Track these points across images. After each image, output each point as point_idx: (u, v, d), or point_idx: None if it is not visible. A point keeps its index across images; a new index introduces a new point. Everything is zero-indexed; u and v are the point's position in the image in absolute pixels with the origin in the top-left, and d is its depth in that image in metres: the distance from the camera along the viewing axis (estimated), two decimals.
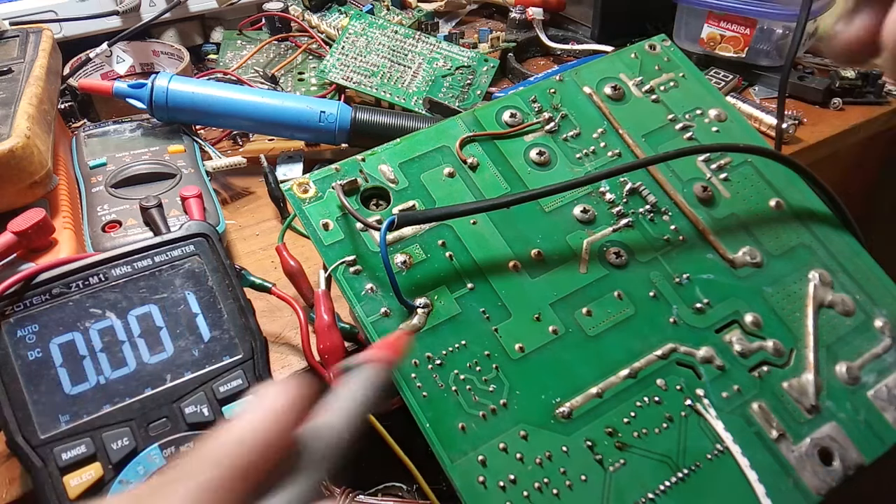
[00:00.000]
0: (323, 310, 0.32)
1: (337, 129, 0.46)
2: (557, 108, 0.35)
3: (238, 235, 0.44)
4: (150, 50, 0.61)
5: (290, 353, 0.35)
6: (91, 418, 0.26)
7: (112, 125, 0.47)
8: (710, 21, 0.57)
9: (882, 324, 0.31)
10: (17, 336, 0.26)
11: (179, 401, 0.27)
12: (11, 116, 0.35)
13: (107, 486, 0.25)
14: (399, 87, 0.54)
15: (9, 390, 0.25)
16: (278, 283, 0.34)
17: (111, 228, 0.37)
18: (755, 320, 0.30)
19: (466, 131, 0.34)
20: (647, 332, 0.29)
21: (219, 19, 0.67)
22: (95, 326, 0.27)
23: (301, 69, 0.60)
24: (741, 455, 0.27)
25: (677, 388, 0.28)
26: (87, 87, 0.47)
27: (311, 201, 0.31)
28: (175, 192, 0.40)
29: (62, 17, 0.58)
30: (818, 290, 0.31)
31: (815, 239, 0.33)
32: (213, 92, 0.45)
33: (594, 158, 0.34)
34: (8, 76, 0.41)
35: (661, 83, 0.37)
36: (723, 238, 0.32)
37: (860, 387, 0.29)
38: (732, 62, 0.58)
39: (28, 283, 0.27)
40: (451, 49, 0.56)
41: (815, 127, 0.54)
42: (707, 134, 0.35)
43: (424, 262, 0.30)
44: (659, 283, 0.31)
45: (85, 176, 0.41)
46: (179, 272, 0.29)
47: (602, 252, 0.31)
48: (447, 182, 0.32)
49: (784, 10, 0.53)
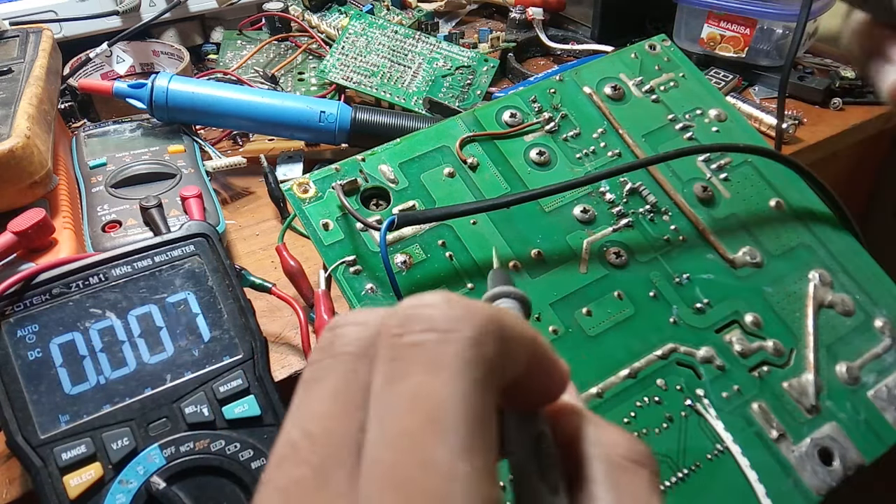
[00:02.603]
0: (323, 310, 0.32)
1: (337, 129, 0.46)
2: (557, 108, 0.35)
3: (238, 235, 0.44)
4: (150, 50, 0.61)
5: (290, 353, 0.35)
6: (91, 418, 0.26)
7: (112, 125, 0.47)
8: (710, 21, 0.57)
9: (882, 324, 0.31)
10: (17, 336, 0.26)
11: (179, 401, 0.27)
12: (11, 116, 0.35)
13: (107, 486, 0.25)
14: (399, 87, 0.54)
15: (9, 390, 0.25)
16: (278, 283, 0.34)
17: (111, 228, 0.37)
18: (755, 320, 0.30)
19: (466, 131, 0.34)
20: (647, 332, 0.29)
21: (219, 19, 0.67)
22: (95, 326, 0.27)
23: (301, 69, 0.60)
24: (741, 455, 0.27)
25: (677, 388, 0.28)
26: (87, 87, 0.47)
27: (311, 201, 0.31)
28: (175, 192, 0.40)
29: (62, 17, 0.58)
30: (818, 290, 0.31)
31: (815, 239, 0.33)
32: (213, 92, 0.45)
33: (594, 158, 0.34)
34: (8, 76, 0.41)
35: (661, 83, 0.37)
36: (723, 238, 0.32)
37: (860, 387, 0.29)
38: (732, 62, 0.58)
39: (28, 283, 0.27)
40: (451, 49, 0.56)
41: (815, 127, 0.53)
42: (707, 134, 0.35)
43: (424, 262, 0.30)
44: (659, 283, 0.31)
45: (85, 176, 0.41)
46: (179, 272, 0.29)
47: (602, 252, 0.31)
48: (447, 182, 0.32)
49: (784, 10, 0.53)
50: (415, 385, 0.12)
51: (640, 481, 0.15)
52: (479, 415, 0.12)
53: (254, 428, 0.27)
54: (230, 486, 0.26)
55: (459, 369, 0.13)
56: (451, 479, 0.12)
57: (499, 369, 0.13)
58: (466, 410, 0.12)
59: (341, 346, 0.14)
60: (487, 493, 0.12)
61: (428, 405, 0.12)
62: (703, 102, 0.36)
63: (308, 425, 0.13)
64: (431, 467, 0.12)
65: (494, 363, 0.13)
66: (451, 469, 0.12)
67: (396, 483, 0.12)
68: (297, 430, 0.13)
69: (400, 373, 0.13)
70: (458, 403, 0.12)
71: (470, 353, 0.13)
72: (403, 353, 0.13)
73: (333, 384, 0.14)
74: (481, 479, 0.12)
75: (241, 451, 0.26)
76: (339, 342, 0.14)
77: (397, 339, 0.13)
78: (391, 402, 0.12)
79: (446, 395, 0.12)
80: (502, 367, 0.14)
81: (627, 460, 0.15)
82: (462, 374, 0.13)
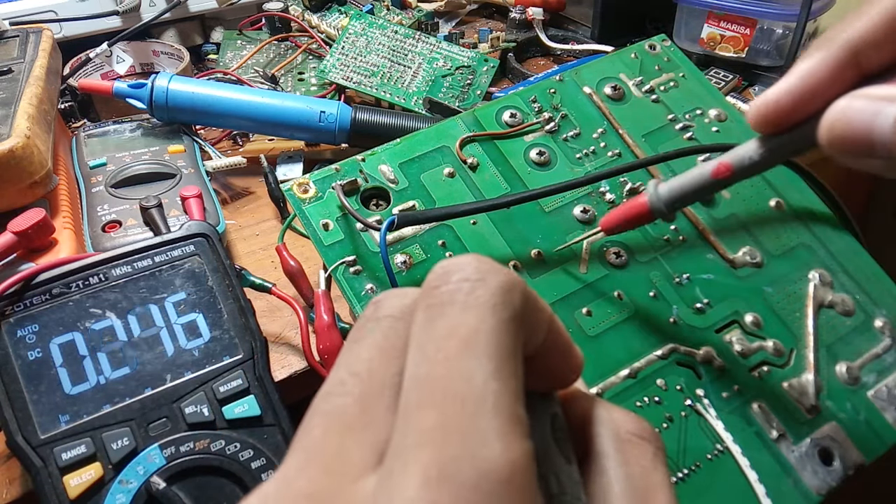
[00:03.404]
0: (323, 310, 0.32)
1: (337, 129, 0.46)
2: (557, 108, 0.35)
3: (238, 235, 0.44)
4: (150, 50, 0.61)
5: (290, 353, 0.35)
6: (91, 418, 0.26)
7: (112, 125, 0.47)
8: (710, 21, 0.57)
9: (882, 324, 0.31)
10: (18, 336, 0.26)
11: (179, 401, 0.27)
12: (11, 116, 0.35)
13: (107, 486, 0.25)
14: (399, 87, 0.54)
15: (9, 390, 0.25)
16: (278, 283, 0.34)
17: (111, 228, 0.37)
18: (755, 320, 0.30)
19: (466, 131, 0.34)
20: (647, 332, 0.29)
21: (219, 19, 0.67)
22: (95, 326, 0.27)
23: (301, 69, 0.60)
24: (741, 455, 0.27)
25: (677, 388, 0.28)
26: (87, 87, 0.47)
27: (311, 201, 0.31)
28: (175, 192, 0.40)
29: (62, 17, 0.58)
30: (818, 290, 0.31)
31: (815, 239, 0.33)
32: (213, 92, 0.45)
33: (594, 158, 0.34)
34: (8, 76, 0.41)
35: (661, 83, 0.37)
36: (723, 238, 0.32)
37: (860, 387, 0.29)
38: (732, 62, 0.58)
39: (28, 283, 0.27)
40: (451, 49, 0.56)
41: None
42: (707, 134, 0.35)
43: (424, 262, 0.30)
44: (659, 283, 0.31)
45: (85, 176, 0.41)
46: (179, 272, 0.29)
47: (602, 252, 0.31)
48: (447, 182, 0.32)
49: (784, 10, 0.53)
50: (451, 320, 0.14)
51: (647, 455, 0.16)
52: (509, 349, 0.14)
53: (254, 428, 0.27)
54: (230, 486, 0.26)
55: (491, 308, 0.14)
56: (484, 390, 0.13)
57: (523, 323, 0.15)
58: (498, 341, 0.14)
59: (383, 311, 0.16)
60: (515, 410, 0.13)
61: (463, 332, 0.14)
62: (703, 102, 0.36)
63: (354, 367, 0.15)
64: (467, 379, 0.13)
65: (519, 313, 0.15)
66: (484, 383, 0.13)
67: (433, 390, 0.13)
68: (343, 371, 0.15)
69: (438, 313, 0.14)
70: (491, 334, 0.14)
71: (499, 297, 0.14)
72: (440, 299, 0.14)
73: (376, 338, 0.15)
74: (511, 398, 0.13)
75: (241, 451, 0.26)
76: (381, 309, 0.16)
77: (434, 289, 0.15)
78: (429, 335, 0.14)
79: (480, 327, 0.14)
80: (526, 323, 0.15)
81: (634, 436, 0.17)
82: (493, 312, 0.14)
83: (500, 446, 0.12)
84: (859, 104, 0.19)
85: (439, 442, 0.12)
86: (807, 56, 0.20)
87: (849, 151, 0.19)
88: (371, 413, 0.14)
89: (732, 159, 0.23)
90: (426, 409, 0.13)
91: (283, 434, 0.27)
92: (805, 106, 0.20)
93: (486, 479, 0.12)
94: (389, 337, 0.15)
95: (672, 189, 0.25)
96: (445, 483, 0.12)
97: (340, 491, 0.13)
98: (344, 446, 0.14)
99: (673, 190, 0.25)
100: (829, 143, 0.19)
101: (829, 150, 0.19)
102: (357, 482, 0.13)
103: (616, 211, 0.27)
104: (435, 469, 0.12)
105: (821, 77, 0.20)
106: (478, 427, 0.12)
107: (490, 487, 0.12)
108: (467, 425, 0.12)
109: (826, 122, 0.19)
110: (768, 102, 0.21)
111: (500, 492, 0.12)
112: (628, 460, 0.16)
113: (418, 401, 0.13)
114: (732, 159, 0.23)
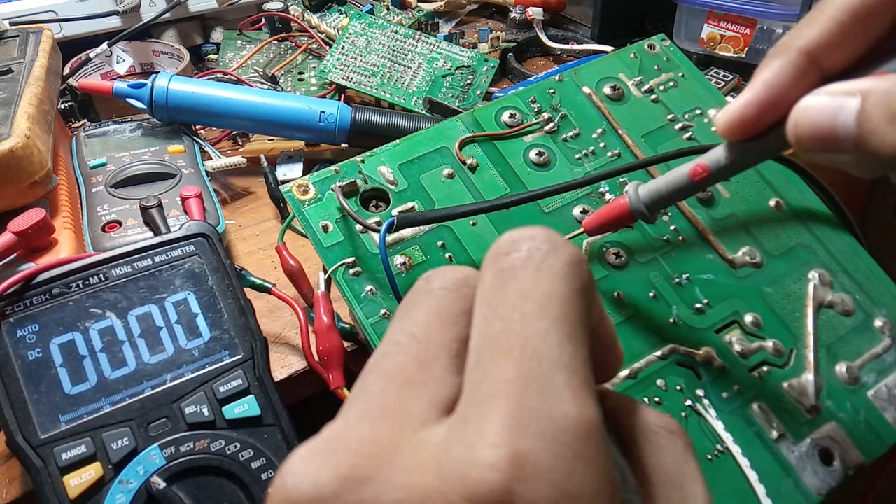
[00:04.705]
0: (323, 311, 0.32)
1: (337, 129, 0.46)
2: (557, 108, 0.35)
3: (238, 235, 0.44)
4: (150, 50, 0.61)
5: (290, 353, 0.35)
6: (91, 418, 0.26)
7: (112, 125, 0.47)
8: (710, 21, 0.57)
9: (882, 324, 0.31)
10: (18, 336, 0.26)
11: (179, 401, 0.27)
12: (11, 116, 0.35)
13: (107, 486, 0.25)
14: (399, 87, 0.54)
15: (9, 390, 0.25)
16: (278, 283, 0.34)
17: (111, 228, 0.37)
18: (755, 320, 0.30)
19: (466, 132, 0.34)
20: (647, 332, 0.29)
21: (219, 19, 0.67)
22: (95, 326, 0.27)
23: (301, 69, 0.60)
24: (741, 455, 0.27)
25: (677, 388, 0.28)
26: (87, 87, 0.47)
27: (311, 203, 0.31)
28: (175, 192, 0.40)
29: (62, 17, 0.58)
30: (818, 290, 0.31)
31: (815, 239, 0.33)
32: (213, 92, 0.45)
33: (594, 159, 0.34)
34: (8, 76, 0.41)
35: (660, 83, 0.37)
36: (722, 238, 0.32)
37: (860, 387, 0.29)
38: (732, 62, 0.58)
39: (28, 283, 0.27)
40: (451, 49, 0.56)
41: None
42: (707, 134, 0.35)
43: (424, 263, 0.30)
44: (659, 283, 0.31)
45: (85, 176, 0.41)
46: (179, 272, 0.29)
47: (602, 252, 0.31)
48: (447, 183, 0.32)
49: (784, 10, 0.53)
50: (525, 283, 0.14)
51: (679, 447, 0.17)
52: (580, 318, 0.14)
53: (254, 428, 0.27)
54: (230, 486, 0.26)
55: (563, 276, 0.14)
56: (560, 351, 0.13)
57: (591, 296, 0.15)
58: (571, 308, 0.14)
59: (436, 284, 0.16)
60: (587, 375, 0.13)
61: (538, 296, 0.14)
62: (703, 102, 0.36)
63: (411, 329, 0.15)
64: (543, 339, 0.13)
65: (588, 287, 0.15)
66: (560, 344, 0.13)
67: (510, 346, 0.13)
68: (400, 333, 0.15)
69: (510, 276, 0.14)
70: (565, 301, 0.14)
71: (571, 267, 0.14)
72: (512, 263, 0.14)
73: (431, 304, 0.16)
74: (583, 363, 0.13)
75: (241, 451, 0.26)
76: (433, 281, 0.16)
77: (505, 255, 0.15)
78: (503, 297, 0.14)
79: (554, 293, 0.14)
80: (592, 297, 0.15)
81: (665, 430, 0.17)
82: (566, 281, 0.14)
83: (577, 405, 0.13)
84: (822, 101, 0.19)
85: (517, 394, 0.12)
86: (765, 65, 0.21)
87: (817, 148, 0.19)
88: (429, 371, 0.14)
89: (709, 161, 0.23)
90: (504, 362, 0.13)
91: (283, 434, 0.27)
92: (770, 113, 0.21)
93: (566, 433, 0.12)
94: (444, 305, 0.15)
95: (651, 191, 0.25)
96: (526, 431, 0.12)
97: (404, 439, 0.13)
98: (403, 399, 0.14)
99: (652, 192, 0.25)
100: (796, 140, 0.20)
101: (797, 147, 0.20)
102: (419, 432, 0.13)
103: (597, 212, 0.27)
104: (515, 418, 0.12)
105: (781, 84, 0.20)
106: (554, 384, 0.13)
107: (569, 441, 0.12)
108: (545, 381, 0.13)
109: (791, 120, 0.20)
110: (734, 115, 0.21)
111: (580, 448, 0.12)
112: (662, 452, 0.16)
113: (493, 355, 0.13)
114: (709, 161, 0.23)
